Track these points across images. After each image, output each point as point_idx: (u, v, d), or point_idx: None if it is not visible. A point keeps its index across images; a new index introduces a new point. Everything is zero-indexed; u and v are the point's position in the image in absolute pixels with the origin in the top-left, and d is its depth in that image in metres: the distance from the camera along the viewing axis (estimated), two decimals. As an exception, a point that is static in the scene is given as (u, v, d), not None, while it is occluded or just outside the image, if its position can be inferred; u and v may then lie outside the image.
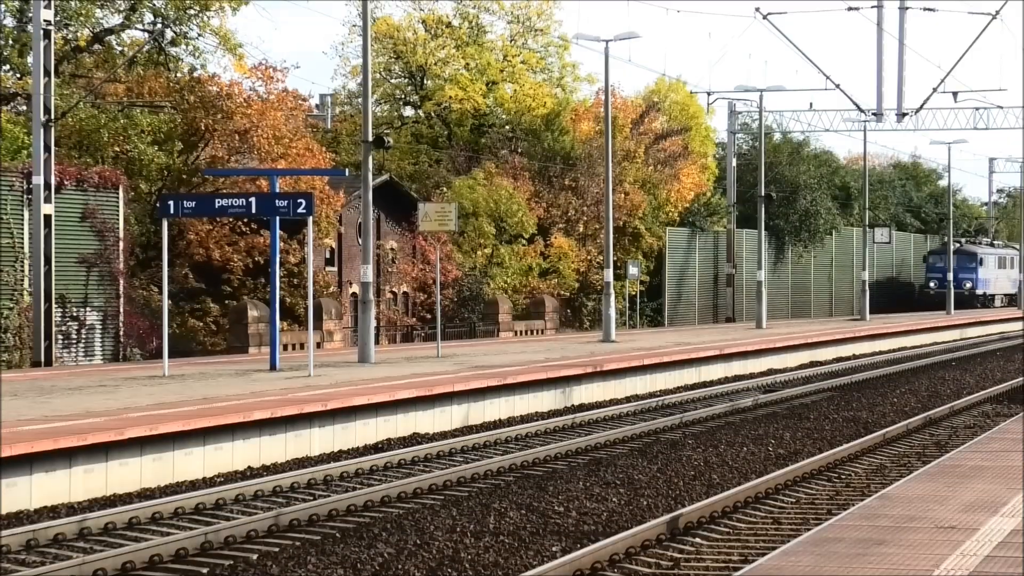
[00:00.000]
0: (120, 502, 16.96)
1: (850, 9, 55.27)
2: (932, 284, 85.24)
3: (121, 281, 35.54)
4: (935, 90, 58.31)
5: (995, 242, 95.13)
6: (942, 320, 65.98)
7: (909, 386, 34.52)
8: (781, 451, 22.11)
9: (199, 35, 44.06)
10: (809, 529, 13.85)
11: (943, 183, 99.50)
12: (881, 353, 48.97)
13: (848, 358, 45.65)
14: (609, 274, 43.60)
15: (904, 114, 59.32)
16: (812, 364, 42.38)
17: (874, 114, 59.36)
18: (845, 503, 16.68)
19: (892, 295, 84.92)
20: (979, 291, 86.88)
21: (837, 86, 57.95)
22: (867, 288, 67.75)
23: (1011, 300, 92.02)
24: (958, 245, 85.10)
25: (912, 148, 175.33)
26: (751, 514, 16.39)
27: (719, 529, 15.45)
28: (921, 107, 60.57)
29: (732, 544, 14.70)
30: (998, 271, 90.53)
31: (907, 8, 55.52)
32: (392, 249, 51.27)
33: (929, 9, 54.89)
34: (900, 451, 22.25)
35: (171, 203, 28.57)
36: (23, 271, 32.80)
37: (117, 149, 39.87)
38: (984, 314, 77.72)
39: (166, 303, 28.79)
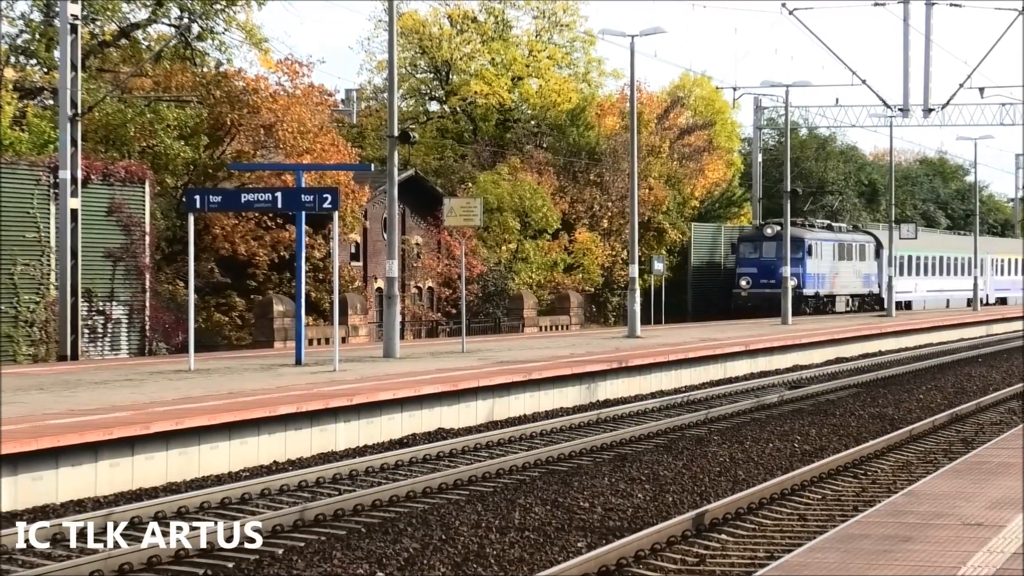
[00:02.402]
0: (146, 496, 16.98)
1: (876, 5, 55.16)
2: (744, 283, 63.77)
3: (147, 275, 35.62)
4: (961, 86, 58.18)
5: (841, 225, 72.60)
6: (969, 316, 65.72)
7: (935, 382, 34.42)
8: (807, 447, 22.05)
9: (225, 30, 44.21)
10: (835, 526, 13.85)
11: (970, 179, 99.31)
12: (907, 349, 48.83)
13: (874, 354, 45.53)
14: (634, 269, 43.54)
15: (931, 110, 59.20)
16: (838, 360, 42.27)
17: (900, 110, 59.25)
18: (871, 500, 16.64)
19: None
20: (808, 291, 64.82)
21: (863, 82, 57.92)
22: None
23: (864, 302, 70.45)
24: (778, 227, 60.85)
25: (939, 144, 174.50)
26: (777, 510, 16.34)
27: (745, 525, 15.42)
28: (947, 103, 60.48)
29: (758, 540, 14.67)
30: (839, 263, 67.90)
31: (934, 4, 55.36)
32: (417, 244, 51.32)
33: (956, 5, 54.72)
34: (926, 447, 22.18)
35: (197, 197, 28.61)
36: (49, 265, 32.89)
37: (143, 143, 39.98)
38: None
39: (192, 297, 28.83)
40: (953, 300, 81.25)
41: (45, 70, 42.58)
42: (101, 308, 34.41)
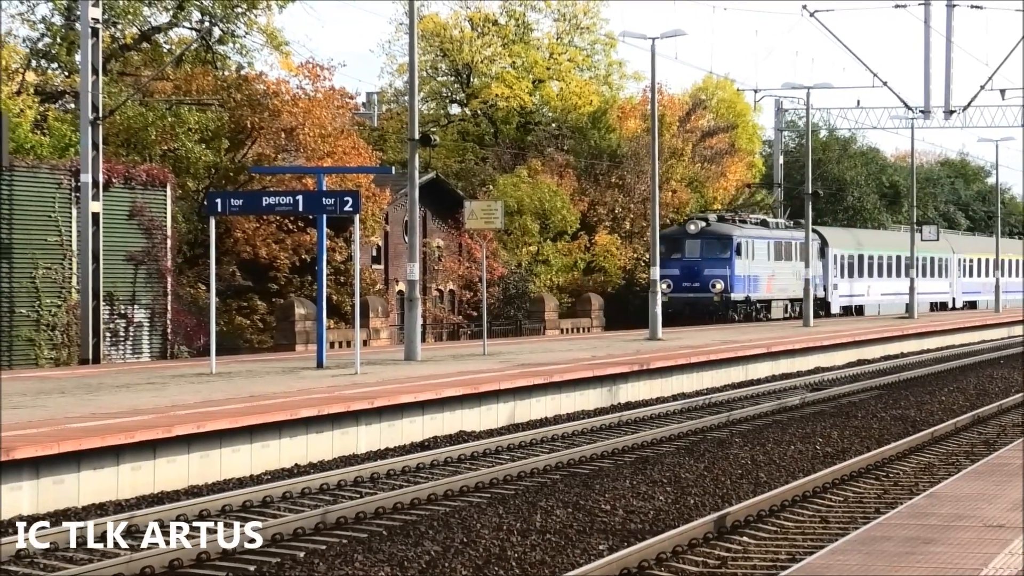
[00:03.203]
0: (168, 499, 17.01)
1: (897, 6, 55.14)
2: (664, 287, 51.92)
3: (168, 279, 35.72)
4: (983, 87, 58.10)
5: (779, 221, 65.01)
6: (991, 317, 65.59)
7: (957, 384, 34.37)
8: (829, 449, 22.04)
9: (246, 33, 44.42)
10: (857, 528, 13.86)
11: (991, 181, 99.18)
12: (929, 351, 48.78)
13: (896, 356, 45.51)
14: (655, 271, 43.58)
15: (952, 111, 59.16)
16: (859, 362, 42.24)
17: (922, 111, 59.23)
18: (893, 502, 16.63)
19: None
20: (737, 295, 57.80)
21: (884, 83, 57.94)
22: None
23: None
24: (703, 223, 57.62)
25: (960, 145, 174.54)
26: (799, 513, 16.33)
27: (767, 528, 15.41)
28: (969, 104, 60.41)
29: (780, 543, 14.67)
30: (775, 264, 60.65)
31: (955, 5, 55.30)
32: (438, 247, 51.41)
33: (976, 6, 54.65)
34: (948, 449, 22.15)
35: (218, 201, 28.70)
36: (71, 269, 33.02)
37: (164, 147, 40.14)
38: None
39: (214, 300, 28.92)
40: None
41: (66, 74, 42.78)
42: (123, 311, 34.52)
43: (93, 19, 32.73)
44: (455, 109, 67.76)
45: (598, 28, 67.92)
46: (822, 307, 64.28)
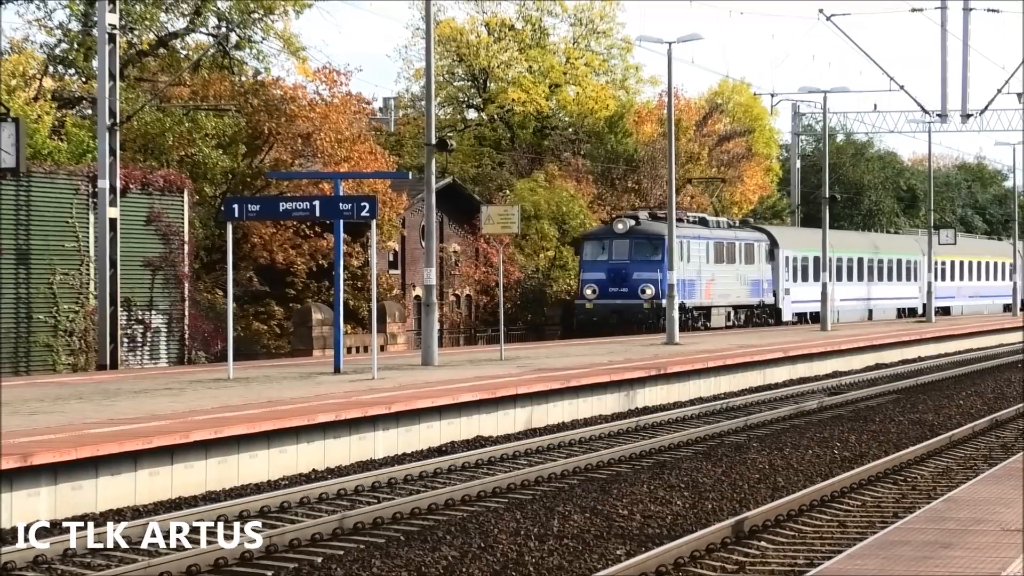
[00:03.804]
0: (185, 505, 17.09)
1: (914, 11, 55.11)
2: (588, 292, 50.29)
3: (186, 284, 35.82)
4: (999, 91, 58.12)
5: (721, 220, 58.05)
6: (1008, 321, 65.43)
7: (975, 388, 34.36)
8: (846, 454, 22.03)
9: (263, 39, 44.49)
10: (875, 532, 13.89)
11: (1008, 184, 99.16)
12: (947, 355, 48.76)
13: (913, 360, 45.54)
14: (672, 276, 43.59)
15: (968, 115, 59.12)
16: (877, 366, 42.25)
17: (938, 115, 59.21)
18: (911, 506, 16.65)
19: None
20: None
21: (901, 87, 57.97)
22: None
23: (754, 315, 57.66)
24: (632, 221, 51.62)
25: (977, 149, 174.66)
26: (817, 517, 16.36)
27: (784, 532, 15.44)
28: (986, 108, 60.35)
29: (798, 547, 14.69)
30: (715, 267, 54.60)
31: (971, 9, 55.27)
32: (455, 252, 51.46)
33: (993, 10, 54.65)
34: (966, 454, 22.16)
35: (236, 206, 28.79)
36: (89, 274, 33.12)
37: (182, 152, 40.27)
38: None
39: (231, 306, 28.98)
40: (879, 310, 69.17)
41: (84, 80, 42.90)
42: (140, 317, 34.62)
43: (110, 25, 32.83)
44: (472, 114, 67.91)
45: (614, 33, 68.10)
46: (772, 314, 58.87)
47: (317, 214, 29.34)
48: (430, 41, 33.83)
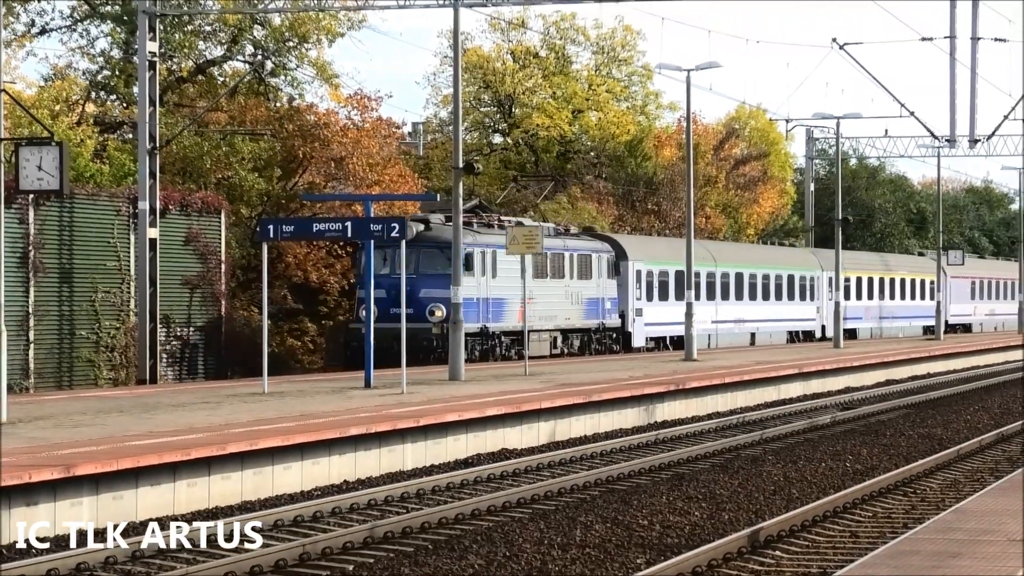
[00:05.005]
0: (222, 515, 17.20)
1: (923, 40, 55.44)
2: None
3: (223, 302, 36.32)
4: (1006, 117, 58.16)
5: (548, 225, 46.26)
6: (1016, 339, 65.36)
7: (982, 403, 34.48)
8: (858, 467, 22.19)
9: (297, 66, 44.86)
10: (886, 542, 13.99)
11: (1015, 207, 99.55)
12: (955, 372, 48.85)
13: (923, 376, 45.61)
14: (690, 295, 43.84)
15: (976, 140, 59.20)
16: (888, 382, 42.31)
17: (947, 140, 59.33)
18: (921, 517, 16.77)
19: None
20: (469, 325, 36.75)
21: (911, 113, 58.33)
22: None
23: (593, 339, 46.74)
24: (421, 226, 39.71)
25: (984, 173, 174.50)
26: (830, 528, 16.51)
27: (799, 542, 15.59)
28: (993, 134, 60.40)
29: (811, 557, 14.84)
30: (534, 283, 42.05)
31: (979, 39, 55.59)
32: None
33: (1000, 40, 54.89)
34: (974, 467, 22.29)
35: (271, 227, 29.10)
36: (129, 292, 33.66)
37: (219, 175, 40.72)
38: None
39: (266, 323, 29.34)
40: (764, 334, 59.41)
41: (125, 105, 43.41)
42: (179, 333, 35.15)
43: (150, 53, 33.50)
44: (497, 138, 68.39)
45: (635, 60, 68.60)
46: (617, 340, 48.37)
47: (349, 235, 29.68)
48: (458, 68, 34.10)
